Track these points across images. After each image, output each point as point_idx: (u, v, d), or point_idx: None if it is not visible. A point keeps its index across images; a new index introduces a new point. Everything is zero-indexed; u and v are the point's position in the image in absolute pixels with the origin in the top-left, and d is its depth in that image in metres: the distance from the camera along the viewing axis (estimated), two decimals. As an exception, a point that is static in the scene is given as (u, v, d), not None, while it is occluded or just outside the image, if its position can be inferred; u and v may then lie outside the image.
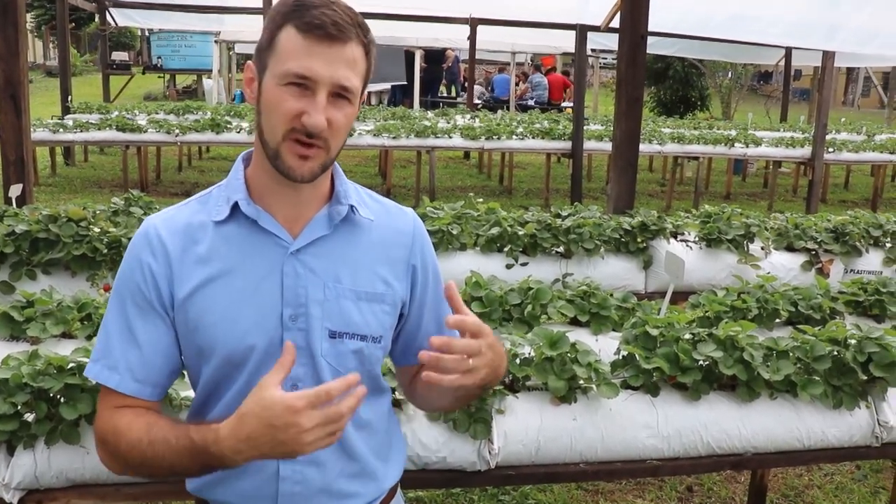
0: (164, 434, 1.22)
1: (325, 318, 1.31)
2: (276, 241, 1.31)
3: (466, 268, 3.25)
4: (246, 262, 1.30)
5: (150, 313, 1.29)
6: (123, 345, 1.29)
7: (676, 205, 9.24)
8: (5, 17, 4.02)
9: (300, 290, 1.30)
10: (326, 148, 1.25)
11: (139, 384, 1.29)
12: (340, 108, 1.25)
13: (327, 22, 1.20)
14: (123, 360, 1.29)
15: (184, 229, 1.31)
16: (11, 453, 1.80)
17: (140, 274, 1.29)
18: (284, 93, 1.22)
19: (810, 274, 3.93)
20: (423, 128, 8.71)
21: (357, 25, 1.24)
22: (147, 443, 1.22)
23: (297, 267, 1.30)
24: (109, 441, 1.27)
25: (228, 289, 1.29)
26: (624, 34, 4.29)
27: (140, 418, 1.27)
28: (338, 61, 1.22)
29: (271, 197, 1.32)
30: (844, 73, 29.83)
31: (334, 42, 1.21)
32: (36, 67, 25.04)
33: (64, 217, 3.22)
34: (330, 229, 1.33)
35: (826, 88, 8.79)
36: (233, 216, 1.31)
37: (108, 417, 1.29)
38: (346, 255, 1.34)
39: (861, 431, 2.24)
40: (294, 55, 1.21)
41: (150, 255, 1.30)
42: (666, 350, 2.18)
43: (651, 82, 16.72)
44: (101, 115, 9.32)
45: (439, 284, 1.48)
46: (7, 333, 2.40)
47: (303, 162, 1.24)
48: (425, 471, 2.00)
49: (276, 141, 1.24)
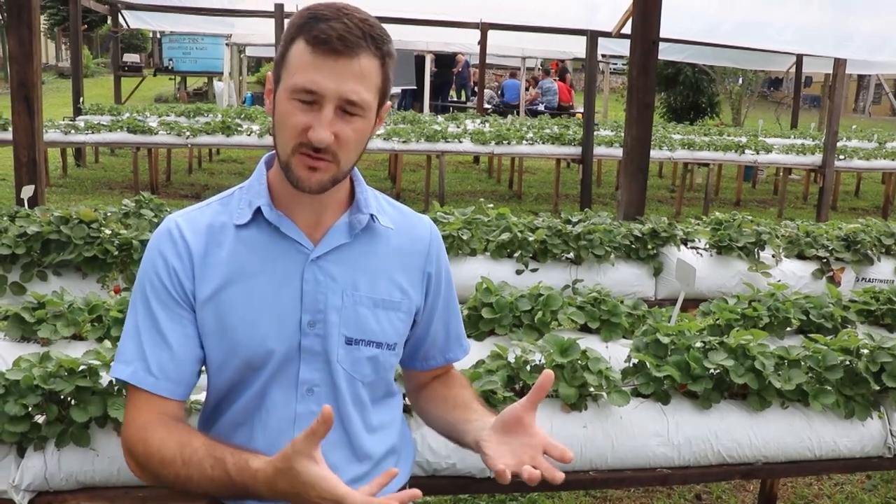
0: (199, 458, 1.21)
1: (342, 325, 1.32)
2: (297, 247, 1.31)
3: (476, 273, 3.25)
4: (267, 268, 1.31)
5: (177, 311, 1.29)
6: (154, 346, 1.29)
7: (686, 211, 9.22)
8: (20, 18, 4.04)
9: (319, 296, 1.31)
10: (336, 161, 1.25)
11: (172, 384, 1.29)
12: (349, 123, 1.24)
13: (333, 36, 1.19)
14: (156, 360, 1.28)
15: (206, 230, 1.32)
16: (22, 455, 1.81)
17: (165, 270, 1.30)
18: (293, 107, 1.23)
19: (821, 282, 3.91)
20: (433, 132, 8.71)
21: (369, 37, 1.23)
22: (181, 464, 1.22)
23: (318, 274, 1.31)
24: (139, 453, 1.26)
25: (249, 293, 1.30)
26: (635, 40, 4.29)
27: (172, 435, 1.25)
28: (344, 75, 1.21)
29: (292, 202, 1.32)
30: (855, 80, 29.69)
31: (340, 56, 1.20)
32: (48, 68, 25.19)
33: (75, 218, 3.23)
34: (350, 237, 1.34)
35: (837, 95, 8.75)
36: (254, 220, 1.32)
37: (140, 429, 1.27)
38: (364, 263, 1.35)
39: (873, 442, 2.22)
40: (302, 69, 1.21)
41: (174, 251, 1.30)
42: (677, 358, 2.17)
43: (661, 88, 16.69)
44: (113, 116, 9.36)
45: (451, 290, 1.49)
46: (18, 335, 2.41)
47: (311, 173, 1.24)
48: (434, 477, 1.99)
49: (286, 154, 1.25)
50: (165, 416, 1.29)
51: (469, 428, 1.36)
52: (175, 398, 1.30)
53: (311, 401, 1.32)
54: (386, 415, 1.43)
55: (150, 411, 1.28)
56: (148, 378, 1.28)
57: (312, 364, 1.31)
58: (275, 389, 1.32)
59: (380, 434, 1.41)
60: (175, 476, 1.23)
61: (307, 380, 1.31)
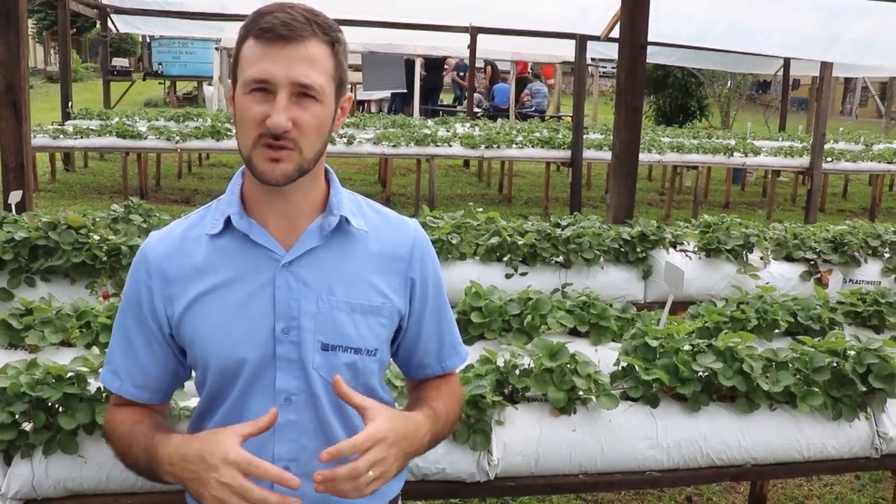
0: (143, 431, 1.30)
1: (317, 331, 1.31)
2: (268, 254, 1.31)
3: (466, 277, 3.25)
4: (239, 276, 1.31)
5: (146, 329, 1.35)
6: (123, 354, 1.37)
7: (675, 214, 9.25)
8: (7, 23, 4.02)
9: (292, 302, 1.30)
10: (298, 149, 1.24)
11: (138, 389, 1.37)
12: (306, 108, 1.24)
13: (277, 24, 1.21)
14: (124, 367, 1.37)
15: (179, 245, 1.34)
16: (9, 463, 1.80)
17: (140, 293, 1.34)
18: (249, 100, 1.23)
19: (809, 284, 3.93)
20: (423, 136, 8.71)
21: (314, 24, 1.24)
22: (128, 436, 1.32)
23: (290, 280, 1.30)
24: (108, 431, 1.38)
25: (221, 302, 1.30)
26: (624, 44, 4.31)
27: (133, 415, 1.36)
28: (293, 60, 1.22)
29: (264, 208, 1.32)
30: (842, 83, 29.90)
31: (288, 42, 1.21)
32: (37, 73, 25.06)
33: (63, 224, 3.22)
34: (321, 240, 1.32)
35: (824, 98, 8.81)
36: (227, 229, 1.32)
37: (111, 410, 1.40)
38: (340, 267, 1.34)
39: (861, 443, 2.24)
40: (252, 62, 1.23)
41: (147, 274, 1.34)
42: (665, 361, 2.18)
43: (650, 91, 16.73)
44: (102, 121, 9.31)
45: (440, 296, 1.47)
46: (5, 341, 2.40)
47: (274, 165, 1.24)
48: (424, 482, 1.99)
49: (248, 149, 1.25)
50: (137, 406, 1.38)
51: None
52: (142, 401, 1.38)
53: (290, 410, 1.31)
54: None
55: (121, 403, 1.39)
56: (115, 381, 1.37)
57: (289, 372, 1.30)
58: (253, 399, 1.31)
59: None
60: (124, 450, 1.33)
61: (284, 388, 1.30)
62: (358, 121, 10.23)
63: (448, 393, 1.48)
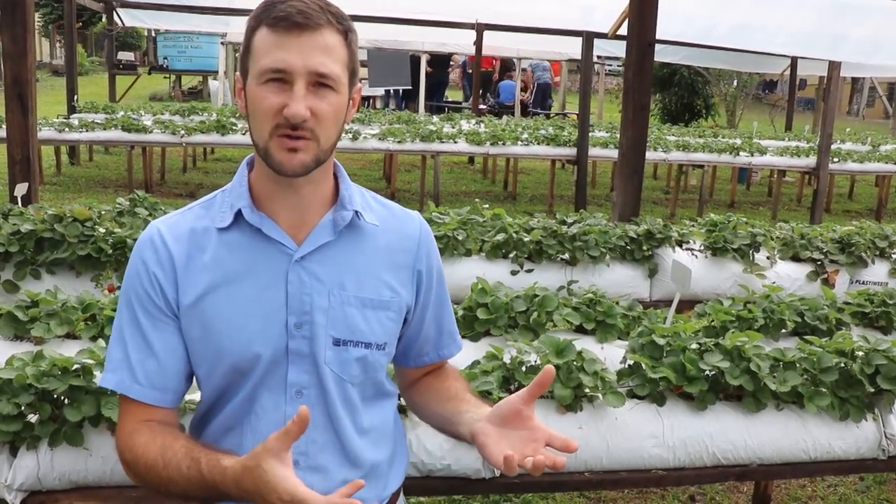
0: (177, 460, 1.22)
1: (329, 326, 1.30)
2: (280, 248, 1.30)
3: (471, 274, 3.25)
4: (250, 270, 1.29)
5: (162, 319, 1.29)
6: (140, 354, 1.29)
7: (681, 212, 9.23)
8: (14, 16, 4.02)
9: (305, 297, 1.29)
10: (315, 139, 1.23)
11: (159, 392, 1.30)
12: (323, 98, 1.23)
13: (293, 12, 1.19)
14: (141, 369, 1.29)
15: (188, 236, 1.31)
16: (14, 454, 1.80)
17: (147, 279, 1.29)
18: (264, 91, 1.21)
19: (816, 284, 3.92)
20: (429, 132, 8.70)
21: (328, 13, 1.22)
22: (162, 466, 1.23)
23: (302, 274, 1.29)
24: (128, 458, 1.28)
25: (233, 297, 1.28)
26: (631, 42, 4.29)
27: (157, 439, 1.26)
28: (310, 49, 1.20)
29: (274, 202, 1.31)
30: (849, 83, 29.77)
31: (304, 30, 1.20)
32: (42, 66, 25.06)
33: (69, 217, 3.22)
34: (334, 235, 1.32)
35: (831, 98, 8.77)
36: (236, 223, 1.30)
37: (127, 436, 1.29)
38: (351, 262, 1.33)
39: (868, 444, 2.23)
40: (267, 52, 1.21)
41: (156, 260, 1.29)
42: (672, 359, 2.17)
43: (657, 89, 16.68)
44: (107, 114, 9.32)
45: (442, 287, 1.48)
46: (11, 333, 2.40)
47: (292, 155, 1.23)
48: (429, 478, 1.99)
49: (263, 140, 1.24)
50: (154, 421, 1.29)
51: (463, 419, 1.34)
52: (163, 405, 1.31)
53: (300, 404, 1.30)
54: (377, 416, 1.42)
55: (138, 418, 1.29)
56: (134, 386, 1.28)
57: (300, 366, 1.30)
58: (264, 393, 1.30)
59: (372, 436, 1.40)
60: (158, 479, 1.24)
61: (295, 382, 1.30)
62: (363, 116, 10.23)
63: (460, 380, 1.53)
